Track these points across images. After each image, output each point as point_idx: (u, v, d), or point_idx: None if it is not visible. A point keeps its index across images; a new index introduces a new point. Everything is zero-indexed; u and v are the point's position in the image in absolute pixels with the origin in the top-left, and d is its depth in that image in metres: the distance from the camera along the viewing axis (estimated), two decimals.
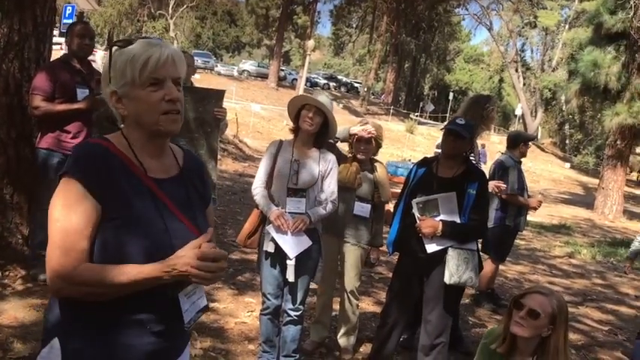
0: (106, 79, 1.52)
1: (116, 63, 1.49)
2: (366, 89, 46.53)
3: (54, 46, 5.18)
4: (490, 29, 46.86)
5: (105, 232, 1.42)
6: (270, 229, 3.36)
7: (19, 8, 4.33)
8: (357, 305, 4.17)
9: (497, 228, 5.44)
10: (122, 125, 1.56)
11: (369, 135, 3.91)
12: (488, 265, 5.53)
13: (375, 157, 4.15)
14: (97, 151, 1.48)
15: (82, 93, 4.29)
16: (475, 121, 3.91)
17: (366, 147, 3.95)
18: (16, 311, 3.74)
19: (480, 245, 3.69)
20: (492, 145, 23.50)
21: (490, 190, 4.12)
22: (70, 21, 17.42)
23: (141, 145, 1.52)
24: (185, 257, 1.40)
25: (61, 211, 1.41)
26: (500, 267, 6.30)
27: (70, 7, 19.45)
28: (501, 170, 5.43)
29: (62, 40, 11.38)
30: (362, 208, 3.96)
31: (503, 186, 5.17)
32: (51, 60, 4.66)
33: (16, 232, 4.48)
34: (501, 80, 59.20)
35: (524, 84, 48.08)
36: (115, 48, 1.51)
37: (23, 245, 4.49)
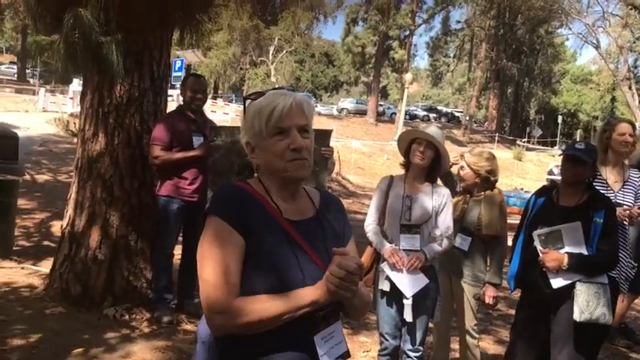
0: (242, 130, 1.61)
1: (248, 115, 1.57)
2: (467, 118, 45.60)
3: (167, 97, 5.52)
4: (597, 47, 44.51)
5: (244, 268, 1.47)
6: (384, 267, 3.29)
7: (138, 65, 4.67)
8: (477, 345, 3.96)
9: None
10: (256, 175, 1.63)
11: (453, 163, 3.79)
12: (621, 298, 5.08)
13: (494, 188, 3.91)
14: (236, 191, 1.56)
15: (197, 141, 4.51)
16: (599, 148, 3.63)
17: (463, 176, 3.80)
18: (144, 353, 3.90)
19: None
20: None
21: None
22: (179, 74, 18.62)
23: (275, 190, 1.58)
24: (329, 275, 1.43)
25: (211, 248, 1.46)
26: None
27: (180, 61, 20.81)
28: None
29: (173, 92, 12.14)
30: (462, 241, 3.74)
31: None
32: (167, 112, 4.96)
33: (141, 276, 4.71)
34: (613, 99, 55.87)
35: (639, 101, 45.03)
36: (248, 101, 1.60)
37: (147, 289, 4.72)
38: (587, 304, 3.02)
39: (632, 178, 3.89)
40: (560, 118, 48.45)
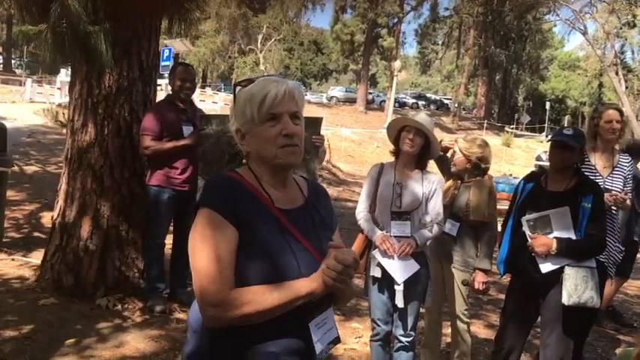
0: (231, 117, 1.61)
1: (238, 102, 1.57)
2: (456, 105, 45.71)
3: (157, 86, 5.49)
4: (585, 33, 44.62)
5: (240, 257, 1.47)
6: (376, 253, 3.32)
7: (127, 55, 4.64)
8: (468, 330, 4.01)
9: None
10: (244, 162, 1.63)
11: (445, 147, 3.87)
12: (609, 282, 5.15)
13: (484, 175, 3.94)
14: (226, 182, 1.56)
15: (187, 130, 4.51)
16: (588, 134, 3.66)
17: (455, 161, 3.83)
18: (137, 343, 3.91)
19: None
20: None
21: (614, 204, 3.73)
22: (167, 63, 18.47)
23: (266, 178, 1.58)
24: (328, 266, 1.46)
25: (204, 240, 1.46)
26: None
27: (168, 50, 20.65)
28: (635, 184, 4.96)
29: (162, 81, 12.08)
30: (451, 226, 3.76)
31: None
32: (156, 101, 4.94)
33: (133, 266, 4.72)
34: (601, 85, 56.04)
35: (626, 87, 45.25)
36: (238, 88, 1.60)
37: (140, 278, 4.73)
38: (575, 287, 3.07)
39: (621, 164, 3.93)
40: (548, 105, 48.58)
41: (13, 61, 48.00)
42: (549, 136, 3.44)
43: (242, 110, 1.55)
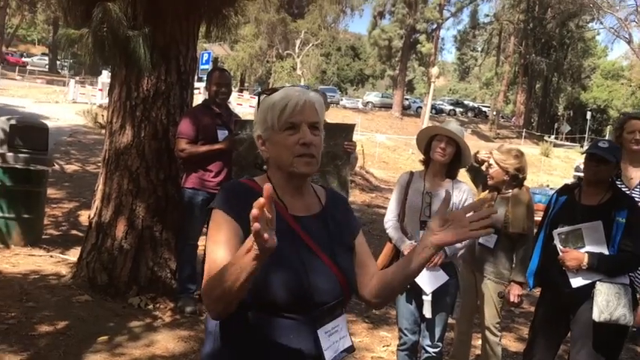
0: (255, 123, 1.65)
1: (261, 109, 1.61)
2: (494, 113, 45.10)
3: (194, 91, 5.59)
4: (630, 42, 43.60)
5: None
6: None
7: (165, 59, 4.74)
8: (499, 343, 3.95)
9: None
10: (265, 168, 1.66)
11: (480, 160, 3.80)
12: None
13: (522, 185, 3.87)
14: (240, 188, 1.60)
15: (222, 134, 4.58)
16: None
17: (492, 174, 3.78)
18: (167, 342, 3.98)
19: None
20: None
21: None
22: (207, 67, 18.75)
23: (282, 185, 1.60)
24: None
25: (211, 239, 1.51)
26: None
27: (207, 54, 20.96)
28: None
29: (200, 84, 12.30)
30: (488, 238, 3.70)
31: None
32: (193, 105, 5.03)
33: (165, 266, 4.80)
34: None
35: None
36: (263, 96, 1.64)
37: (172, 279, 4.81)
38: (607, 304, 2.99)
39: None
40: (589, 114, 47.50)
41: (58, 62, 49.43)
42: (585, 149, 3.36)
43: (264, 117, 1.58)
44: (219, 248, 1.47)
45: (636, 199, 3.62)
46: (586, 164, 3.23)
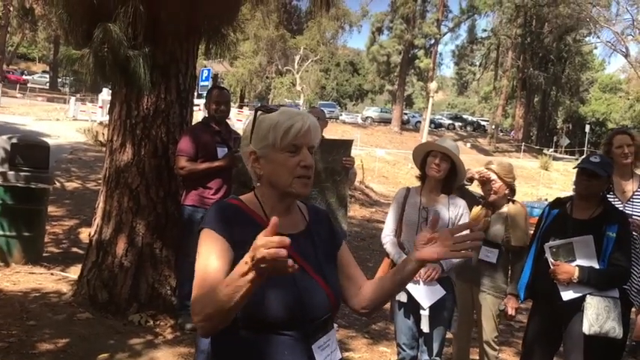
0: (246, 139, 1.65)
1: (259, 126, 1.61)
2: (493, 127, 45.23)
3: (193, 108, 5.64)
4: (627, 55, 43.91)
5: None
6: None
7: (164, 78, 4.80)
8: (497, 357, 3.98)
9: None
10: (257, 184, 1.68)
11: (481, 177, 3.80)
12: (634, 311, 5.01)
13: (512, 198, 3.97)
14: (227, 207, 1.64)
15: (221, 152, 4.62)
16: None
17: (490, 188, 3.82)
18: (167, 359, 4.00)
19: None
20: None
21: None
22: (206, 83, 18.87)
23: (272, 203, 1.64)
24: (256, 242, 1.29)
25: (200, 257, 1.54)
26: None
27: (207, 71, 21.08)
28: None
29: (199, 101, 12.39)
30: (489, 253, 3.77)
31: None
32: (192, 122, 5.08)
33: (165, 283, 4.83)
34: None
35: None
36: (259, 112, 1.64)
37: (172, 296, 4.83)
38: (596, 317, 3.02)
39: None
40: (587, 128, 47.61)
41: (58, 80, 49.67)
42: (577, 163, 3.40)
43: (264, 135, 1.60)
44: (212, 262, 1.49)
45: (629, 211, 3.66)
46: (577, 179, 3.28)
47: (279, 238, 1.23)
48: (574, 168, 3.33)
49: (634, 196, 3.77)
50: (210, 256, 1.51)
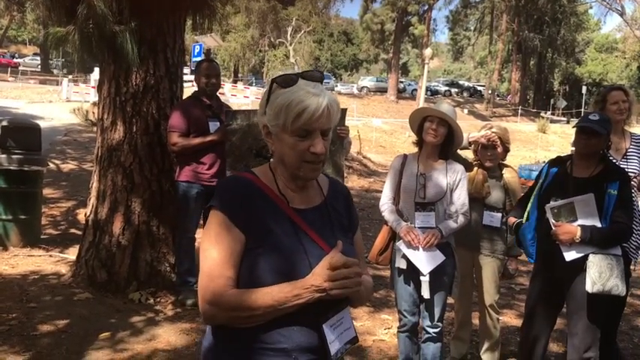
0: (262, 108, 1.57)
1: (273, 102, 1.52)
2: (490, 91, 45.01)
3: (186, 84, 5.55)
4: (622, 14, 43.46)
5: (249, 259, 1.48)
6: (400, 245, 3.30)
7: (152, 53, 4.71)
8: (498, 319, 3.98)
9: None
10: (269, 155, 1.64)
11: (489, 141, 3.76)
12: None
13: (505, 162, 3.96)
14: (240, 184, 1.57)
15: (213, 126, 4.55)
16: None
17: (493, 153, 3.79)
18: (169, 336, 3.99)
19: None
20: None
21: None
22: (199, 59, 18.64)
23: (284, 179, 1.58)
24: (317, 273, 1.44)
25: (209, 241, 1.50)
26: None
27: (199, 46, 20.84)
28: None
29: (193, 77, 12.28)
30: (492, 218, 3.79)
31: None
32: (183, 98, 5.00)
33: (164, 260, 4.81)
34: None
35: None
36: (274, 85, 1.53)
37: (171, 273, 4.82)
38: (599, 275, 2.99)
39: (635, 144, 3.81)
40: (584, 89, 47.33)
41: (50, 62, 49.17)
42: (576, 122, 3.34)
43: (276, 113, 1.50)
44: (223, 252, 1.48)
45: (624, 168, 3.62)
46: (577, 137, 3.22)
47: (348, 271, 1.43)
48: (573, 127, 3.27)
49: (627, 153, 3.73)
50: (225, 245, 1.48)
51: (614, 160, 3.62)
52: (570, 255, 3.09)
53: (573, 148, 3.35)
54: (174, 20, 4.87)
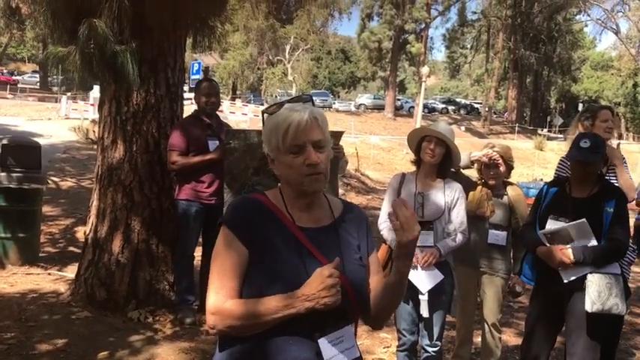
0: (263, 141, 1.69)
1: (266, 130, 1.66)
2: (487, 109, 45.21)
3: (185, 102, 5.59)
4: (617, 32, 43.88)
5: (251, 272, 1.57)
6: None
7: (153, 73, 4.75)
8: (500, 338, 3.98)
9: None
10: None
11: (491, 160, 3.77)
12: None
13: (509, 180, 3.96)
14: (250, 203, 1.66)
15: (212, 144, 4.58)
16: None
17: (495, 171, 3.80)
18: (168, 355, 3.98)
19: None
20: (632, 156, 21.29)
21: None
22: (197, 77, 18.79)
23: (292, 199, 1.66)
24: (308, 283, 1.50)
25: (216, 253, 1.61)
26: None
27: (197, 64, 20.99)
28: None
29: (191, 95, 12.36)
30: (497, 237, 3.79)
31: None
32: (183, 116, 5.04)
33: (163, 279, 4.81)
34: (636, 85, 54.72)
35: None
36: (266, 115, 1.68)
37: (170, 291, 4.81)
38: (598, 294, 3.00)
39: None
40: (580, 106, 47.56)
41: (49, 79, 49.32)
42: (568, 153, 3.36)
43: (269, 138, 1.62)
44: (225, 266, 1.57)
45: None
46: (573, 167, 3.26)
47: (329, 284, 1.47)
48: (566, 158, 3.31)
49: (609, 170, 3.79)
50: (228, 260, 1.58)
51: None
52: (568, 276, 3.11)
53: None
54: (175, 40, 4.92)
